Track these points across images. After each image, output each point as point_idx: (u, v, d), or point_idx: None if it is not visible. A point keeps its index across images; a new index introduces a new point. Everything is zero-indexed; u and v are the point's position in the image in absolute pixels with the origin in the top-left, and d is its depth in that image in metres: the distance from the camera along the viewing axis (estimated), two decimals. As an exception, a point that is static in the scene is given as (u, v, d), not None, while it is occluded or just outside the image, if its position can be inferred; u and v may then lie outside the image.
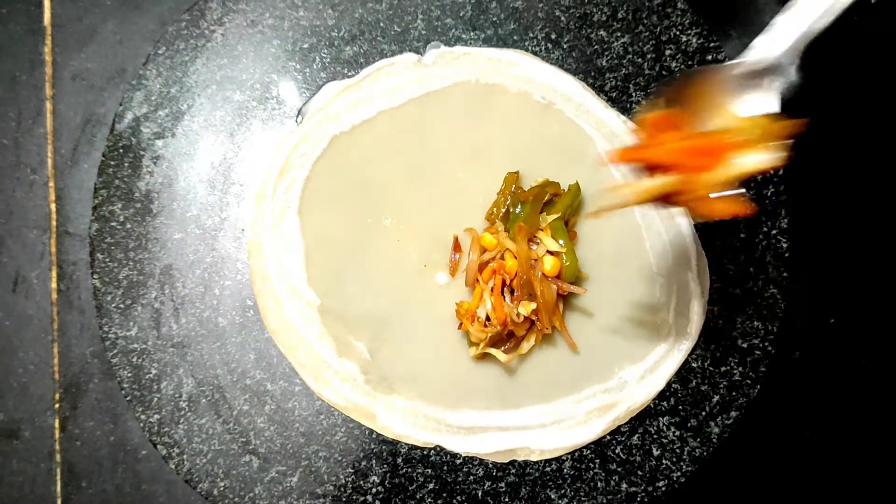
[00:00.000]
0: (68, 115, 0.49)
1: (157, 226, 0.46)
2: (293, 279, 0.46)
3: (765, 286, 0.45)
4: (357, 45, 0.48)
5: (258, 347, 0.46)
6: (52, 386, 0.48)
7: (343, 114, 0.47)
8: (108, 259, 0.46)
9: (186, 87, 0.47)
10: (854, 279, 0.46)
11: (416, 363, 0.45)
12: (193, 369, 0.45)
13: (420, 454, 0.45)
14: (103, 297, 0.46)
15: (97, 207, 0.46)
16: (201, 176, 0.47)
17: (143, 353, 0.45)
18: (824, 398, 0.46)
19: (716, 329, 0.45)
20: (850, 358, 0.46)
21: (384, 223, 0.46)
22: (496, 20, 0.47)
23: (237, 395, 0.45)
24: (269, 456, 0.45)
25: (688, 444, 0.44)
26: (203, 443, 0.45)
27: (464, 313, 0.44)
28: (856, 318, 0.46)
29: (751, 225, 0.46)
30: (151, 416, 0.45)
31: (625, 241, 0.45)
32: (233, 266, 0.46)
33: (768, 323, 0.45)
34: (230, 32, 0.48)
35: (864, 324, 0.46)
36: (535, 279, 0.43)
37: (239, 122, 0.47)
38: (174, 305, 0.46)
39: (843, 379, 0.46)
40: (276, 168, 0.46)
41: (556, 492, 0.44)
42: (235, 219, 0.47)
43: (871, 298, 0.46)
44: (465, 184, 0.46)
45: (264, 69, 0.47)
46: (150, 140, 0.47)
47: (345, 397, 0.45)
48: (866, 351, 0.46)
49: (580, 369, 0.44)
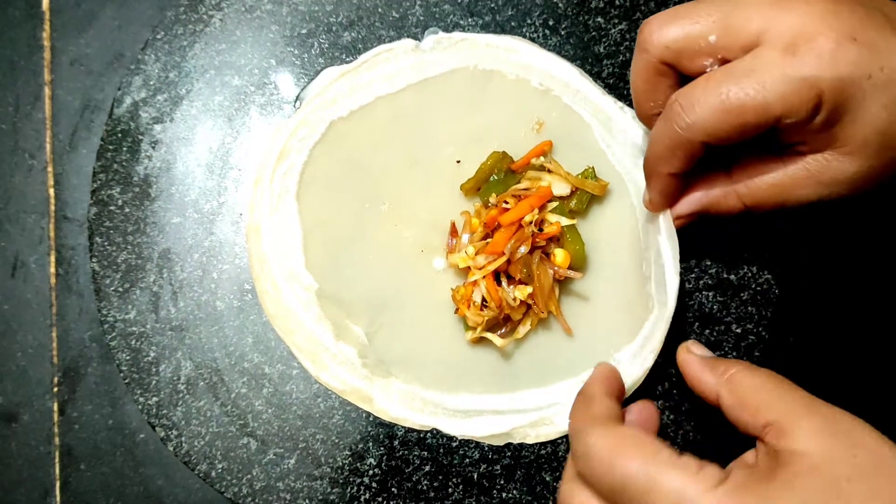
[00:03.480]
0: (67, 100, 0.49)
1: (156, 210, 0.47)
2: (291, 263, 0.46)
3: (759, 271, 0.46)
4: (355, 31, 0.48)
5: (256, 331, 0.46)
6: (51, 370, 0.48)
7: (341, 99, 0.47)
8: (106, 243, 0.46)
9: (185, 72, 0.47)
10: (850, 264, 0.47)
11: (413, 347, 0.45)
12: (192, 352, 0.46)
13: (416, 437, 0.45)
14: (102, 281, 0.46)
15: (96, 192, 0.46)
16: (200, 160, 0.47)
17: (142, 336, 0.46)
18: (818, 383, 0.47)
19: (710, 314, 0.46)
20: (845, 344, 0.46)
21: (381, 208, 0.47)
22: (494, 6, 0.48)
23: (235, 378, 0.45)
24: (267, 438, 0.45)
25: (682, 427, 0.45)
26: (201, 425, 0.45)
27: (460, 298, 0.44)
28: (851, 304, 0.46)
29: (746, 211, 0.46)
30: (150, 398, 0.45)
31: (620, 224, 0.46)
32: (231, 250, 0.46)
33: (762, 308, 0.46)
34: (228, 18, 0.48)
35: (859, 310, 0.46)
36: (531, 263, 0.43)
37: (237, 107, 0.47)
38: (172, 289, 0.46)
39: (838, 365, 0.46)
40: (274, 153, 0.46)
41: (552, 474, 0.44)
42: (233, 203, 0.47)
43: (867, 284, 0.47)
44: (463, 169, 0.46)
45: (262, 54, 0.48)
46: (148, 125, 0.47)
47: (342, 381, 0.45)
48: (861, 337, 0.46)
49: (576, 353, 0.45)
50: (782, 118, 0.32)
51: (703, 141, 0.34)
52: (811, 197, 0.36)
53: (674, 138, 0.35)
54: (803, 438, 0.28)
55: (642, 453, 0.29)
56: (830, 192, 0.35)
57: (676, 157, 0.36)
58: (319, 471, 0.45)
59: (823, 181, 0.35)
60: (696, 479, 0.28)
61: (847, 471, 0.27)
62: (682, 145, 0.35)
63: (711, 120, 0.33)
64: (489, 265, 0.43)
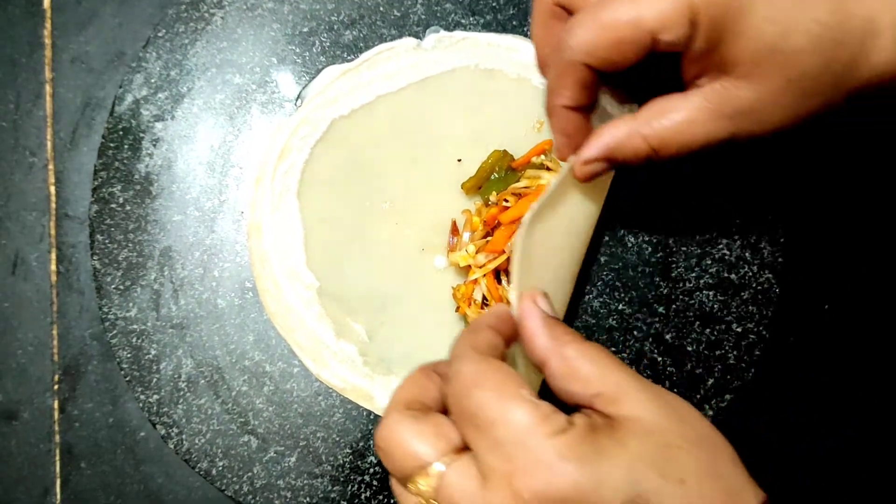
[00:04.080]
0: (67, 97, 0.49)
1: (157, 208, 0.47)
2: (292, 261, 0.46)
3: (760, 271, 0.46)
4: (356, 30, 0.48)
5: (257, 329, 0.46)
6: (52, 367, 0.48)
7: (342, 98, 0.47)
8: (107, 240, 0.46)
9: (186, 69, 0.47)
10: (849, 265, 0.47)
11: (414, 345, 0.45)
12: (192, 350, 0.46)
13: (417, 435, 0.45)
14: (103, 279, 0.46)
15: (97, 189, 0.46)
16: (201, 158, 0.47)
17: (143, 334, 0.46)
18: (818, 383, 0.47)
19: (711, 312, 0.46)
20: (845, 343, 0.46)
21: (382, 206, 0.47)
22: (495, 5, 0.48)
23: (236, 375, 0.45)
24: (268, 436, 0.45)
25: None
26: (202, 423, 0.45)
27: (460, 297, 0.44)
28: (850, 304, 0.47)
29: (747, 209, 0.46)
30: (150, 396, 0.45)
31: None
32: (232, 248, 0.46)
33: (763, 307, 0.46)
34: (230, 16, 0.48)
35: (858, 309, 0.47)
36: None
37: (238, 105, 0.47)
38: (173, 287, 0.46)
39: (837, 364, 0.46)
40: (275, 151, 0.47)
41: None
42: (235, 201, 0.47)
43: (866, 284, 0.47)
44: (464, 168, 0.46)
45: (264, 53, 0.48)
46: (149, 123, 0.47)
47: (343, 379, 0.45)
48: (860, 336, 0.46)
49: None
50: (658, 36, 0.32)
51: (586, 63, 0.34)
52: (717, 133, 0.34)
53: (560, 65, 0.35)
54: (636, 406, 0.29)
55: (500, 386, 0.29)
56: (737, 127, 0.34)
57: (565, 85, 0.35)
58: (320, 469, 0.45)
59: (725, 113, 0.33)
60: (543, 422, 0.28)
61: (676, 439, 0.28)
62: (569, 71, 0.35)
63: (590, 38, 0.33)
64: (490, 263, 0.43)
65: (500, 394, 0.29)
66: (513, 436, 0.28)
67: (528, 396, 0.29)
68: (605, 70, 0.34)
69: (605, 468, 0.27)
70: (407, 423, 0.30)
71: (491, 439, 0.28)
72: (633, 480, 0.27)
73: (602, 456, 0.27)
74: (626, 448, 0.28)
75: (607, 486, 0.27)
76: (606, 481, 0.27)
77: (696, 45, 0.32)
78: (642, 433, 0.28)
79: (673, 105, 0.35)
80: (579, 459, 0.27)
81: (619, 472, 0.27)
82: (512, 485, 0.27)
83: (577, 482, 0.27)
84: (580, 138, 0.37)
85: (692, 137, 0.35)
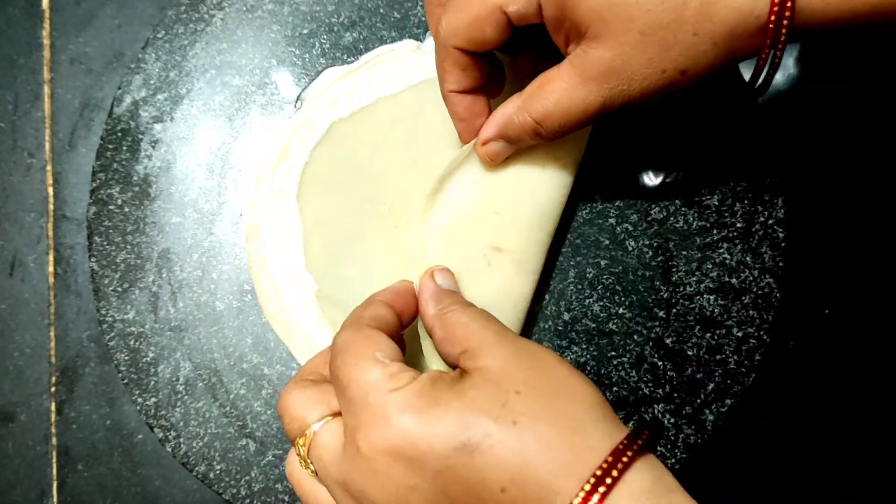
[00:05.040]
0: (66, 98, 0.49)
1: (155, 209, 0.46)
2: (291, 264, 0.46)
3: (761, 275, 0.46)
4: (356, 32, 0.48)
5: (256, 332, 0.46)
6: (49, 369, 0.48)
7: (342, 100, 0.47)
8: (105, 242, 0.46)
9: (185, 71, 0.47)
10: (849, 270, 0.47)
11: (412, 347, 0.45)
12: (190, 353, 0.45)
13: (416, 439, 0.45)
14: (101, 281, 0.46)
15: (95, 191, 0.46)
16: (200, 160, 0.47)
17: (141, 336, 0.45)
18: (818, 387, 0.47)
19: (711, 317, 0.46)
20: (845, 348, 0.46)
21: (382, 209, 0.46)
22: (496, 7, 0.47)
23: (234, 379, 0.45)
24: (266, 440, 0.45)
25: (682, 431, 0.45)
26: (199, 426, 0.45)
27: (461, 300, 0.44)
28: (851, 309, 0.46)
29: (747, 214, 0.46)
30: (148, 399, 0.45)
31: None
32: (230, 250, 0.46)
33: (764, 312, 0.46)
34: (229, 17, 0.48)
35: (858, 314, 0.46)
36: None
37: (238, 107, 0.47)
38: (172, 289, 0.46)
39: (838, 368, 0.46)
40: (274, 153, 0.46)
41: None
42: (234, 203, 0.47)
43: (867, 289, 0.47)
44: (464, 171, 0.46)
45: (263, 54, 0.47)
46: (148, 124, 0.47)
47: (342, 382, 0.45)
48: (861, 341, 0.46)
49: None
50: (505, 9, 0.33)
51: (455, 46, 0.36)
52: (590, 99, 0.34)
53: (438, 53, 0.37)
54: (490, 358, 0.30)
55: (359, 350, 0.31)
56: (607, 90, 0.33)
57: (447, 70, 0.37)
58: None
59: (591, 75, 0.33)
60: (388, 380, 0.29)
61: (519, 386, 0.29)
62: (445, 56, 0.36)
63: (453, 22, 0.35)
64: None
65: (356, 357, 0.30)
66: (360, 393, 0.29)
67: (380, 358, 0.30)
68: (475, 50, 0.36)
69: (437, 418, 0.28)
70: (297, 391, 0.32)
71: (346, 399, 0.30)
72: (462, 427, 0.27)
73: (436, 406, 0.28)
74: (463, 397, 0.28)
75: (437, 435, 0.27)
76: (437, 430, 0.27)
77: (548, 14, 0.33)
78: (484, 382, 0.29)
79: (550, 76, 0.35)
80: (414, 411, 0.28)
81: (449, 421, 0.28)
82: (355, 440, 0.28)
83: (410, 433, 0.28)
84: (477, 121, 0.39)
85: (569, 106, 0.35)
